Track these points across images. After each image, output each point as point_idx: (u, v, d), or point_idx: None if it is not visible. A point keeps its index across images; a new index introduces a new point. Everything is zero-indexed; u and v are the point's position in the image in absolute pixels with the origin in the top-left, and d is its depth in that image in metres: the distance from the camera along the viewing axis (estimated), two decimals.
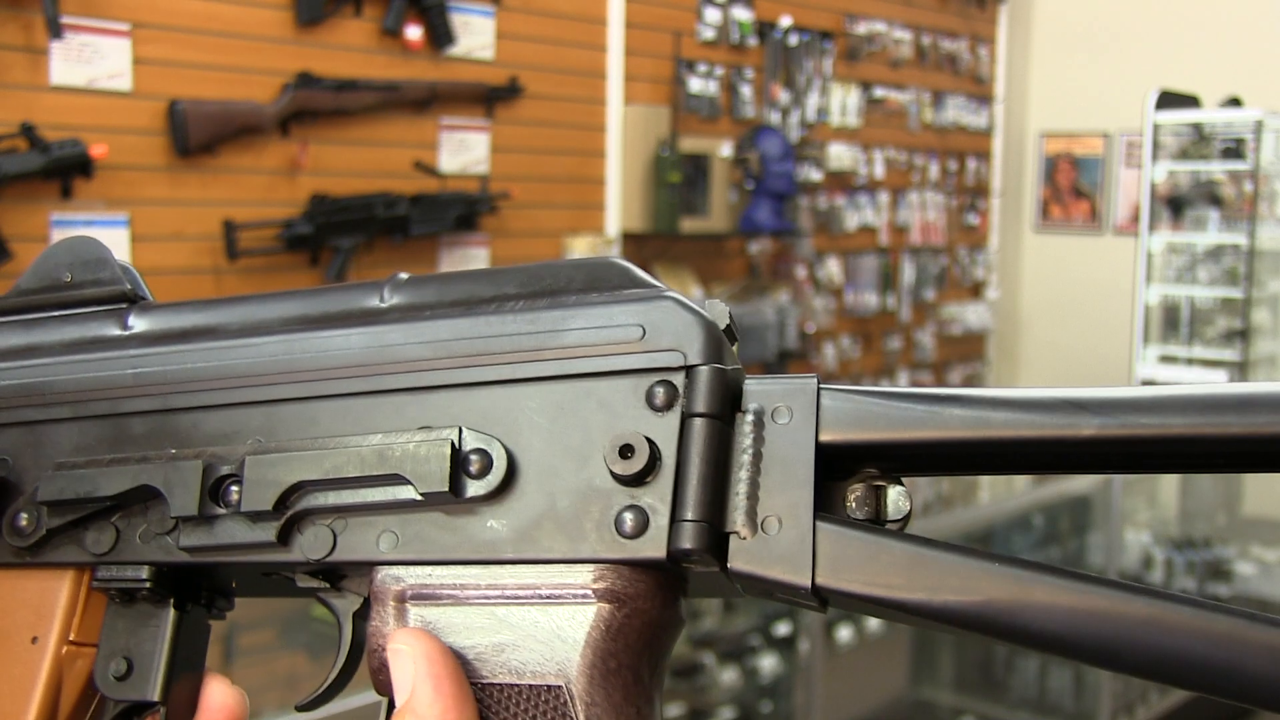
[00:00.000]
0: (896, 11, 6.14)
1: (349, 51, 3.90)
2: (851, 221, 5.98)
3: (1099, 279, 6.57)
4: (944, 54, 6.48)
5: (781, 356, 5.37)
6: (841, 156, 5.85)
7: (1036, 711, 3.76)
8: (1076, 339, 6.77)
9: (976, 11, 6.69)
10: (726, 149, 5.08)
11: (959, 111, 6.61)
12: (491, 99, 4.27)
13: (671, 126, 4.85)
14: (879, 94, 6.08)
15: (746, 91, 5.33)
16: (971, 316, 6.75)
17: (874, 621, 3.40)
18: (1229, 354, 5.00)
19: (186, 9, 3.54)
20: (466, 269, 0.52)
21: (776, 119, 5.46)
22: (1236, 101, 5.31)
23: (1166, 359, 5.11)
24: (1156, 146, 5.12)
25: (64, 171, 3.25)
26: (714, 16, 5.17)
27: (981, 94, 6.79)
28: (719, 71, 5.19)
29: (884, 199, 6.18)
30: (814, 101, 5.66)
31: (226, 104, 3.60)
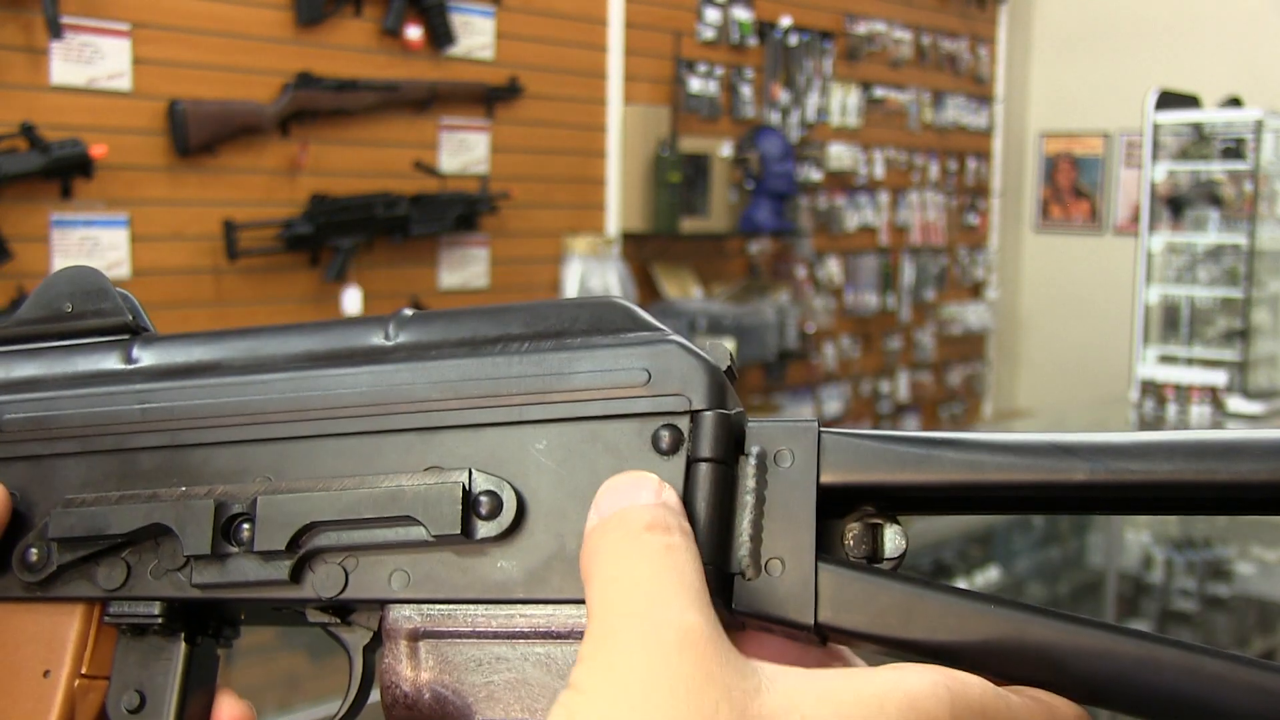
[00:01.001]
0: (896, 11, 6.14)
1: (349, 51, 3.90)
2: (851, 221, 5.98)
3: (1099, 279, 6.57)
4: (944, 54, 6.48)
5: (781, 356, 5.37)
6: (841, 156, 5.85)
7: None
8: (1076, 339, 6.77)
9: (976, 11, 6.69)
10: (726, 149, 5.08)
11: (959, 111, 6.62)
12: (491, 99, 4.27)
13: (671, 126, 4.85)
14: (879, 94, 6.08)
15: (746, 91, 5.33)
16: (971, 316, 6.75)
17: None
18: (1229, 354, 5.00)
19: (186, 9, 3.54)
20: (471, 306, 0.53)
21: (776, 119, 5.46)
22: (1236, 101, 5.31)
23: (1166, 359, 5.10)
24: (1156, 146, 5.12)
25: (64, 171, 3.25)
26: (714, 16, 5.17)
27: (981, 94, 6.79)
28: (719, 71, 5.19)
29: (884, 199, 6.18)
30: (814, 101, 5.67)
31: (226, 104, 3.60)
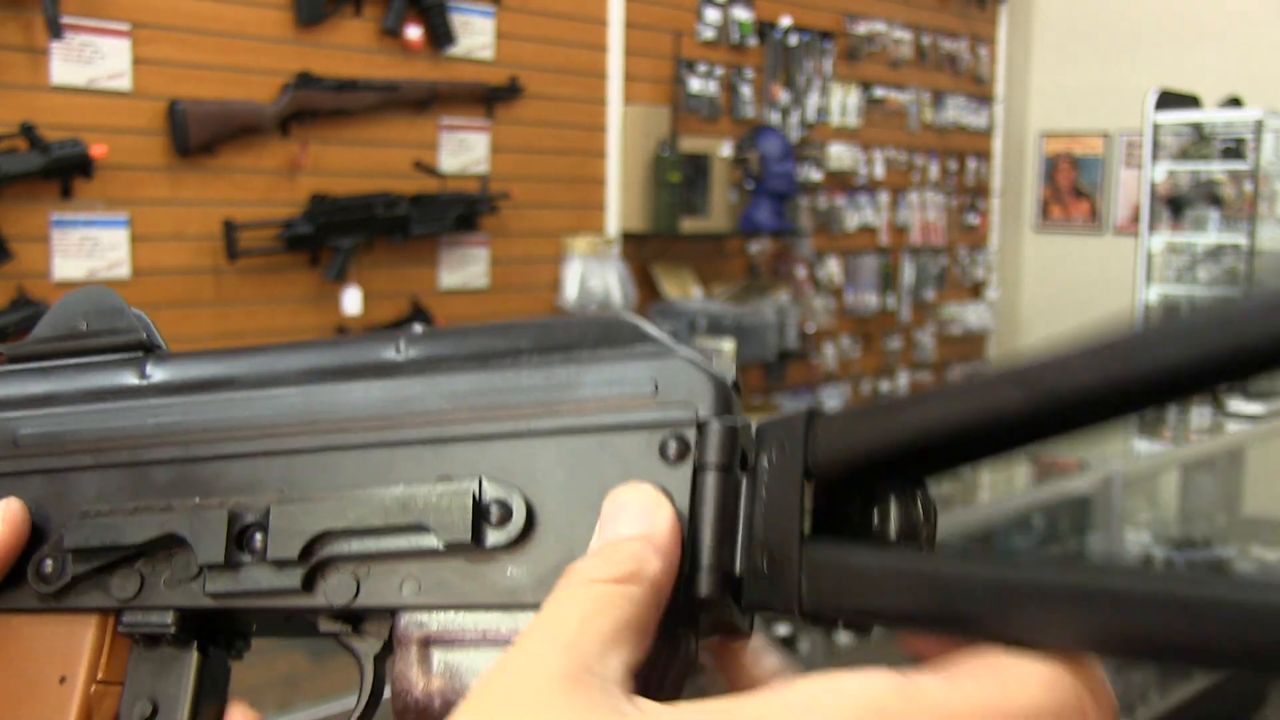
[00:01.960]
0: (896, 11, 6.13)
1: (349, 51, 3.90)
2: (851, 221, 5.98)
3: (1099, 279, 6.56)
4: (944, 54, 6.47)
5: (781, 356, 5.37)
6: (841, 156, 5.84)
7: None
8: None
9: (976, 11, 6.69)
10: (726, 149, 5.08)
11: (959, 111, 6.61)
12: (491, 99, 4.27)
13: (671, 126, 4.85)
14: (879, 94, 6.08)
15: (746, 91, 5.33)
16: (971, 316, 6.75)
17: None
18: None
19: (186, 9, 3.54)
20: (480, 323, 0.53)
21: (776, 119, 5.46)
22: (1236, 101, 5.31)
23: None
24: (1156, 146, 5.12)
25: (64, 171, 3.25)
26: (714, 16, 5.17)
27: (981, 94, 6.79)
28: (719, 71, 5.19)
29: (884, 199, 6.18)
30: (814, 101, 5.66)
31: (226, 104, 3.60)
